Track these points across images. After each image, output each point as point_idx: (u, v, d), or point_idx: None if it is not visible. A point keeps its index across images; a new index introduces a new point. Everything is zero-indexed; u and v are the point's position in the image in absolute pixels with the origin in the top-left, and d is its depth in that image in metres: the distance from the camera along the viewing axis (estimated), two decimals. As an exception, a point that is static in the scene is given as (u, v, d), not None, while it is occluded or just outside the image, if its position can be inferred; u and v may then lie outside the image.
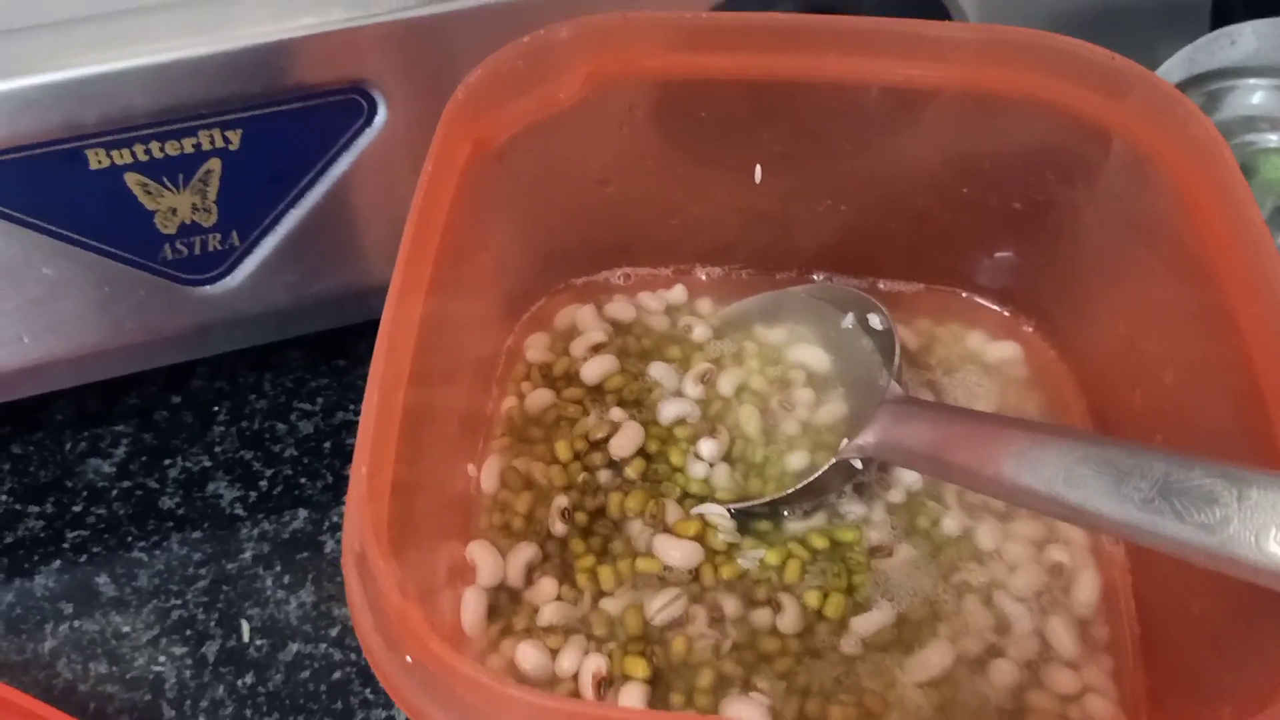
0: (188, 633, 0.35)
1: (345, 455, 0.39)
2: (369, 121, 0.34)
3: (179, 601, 0.35)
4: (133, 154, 0.32)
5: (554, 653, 0.29)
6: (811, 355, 0.35)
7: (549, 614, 0.30)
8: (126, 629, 0.35)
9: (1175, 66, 0.37)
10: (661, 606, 0.30)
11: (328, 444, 0.39)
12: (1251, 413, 0.25)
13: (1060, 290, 0.35)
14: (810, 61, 0.32)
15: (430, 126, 0.29)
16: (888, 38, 0.31)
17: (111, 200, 0.33)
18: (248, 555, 0.36)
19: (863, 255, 0.37)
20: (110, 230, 0.34)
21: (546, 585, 0.31)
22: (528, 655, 0.29)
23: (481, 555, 0.31)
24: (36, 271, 0.33)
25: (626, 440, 0.33)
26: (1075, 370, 0.35)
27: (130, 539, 0.37)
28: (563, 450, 0.33)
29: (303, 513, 0.37)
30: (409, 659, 0.21)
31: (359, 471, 0.23)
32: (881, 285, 0.37)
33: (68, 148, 0.31)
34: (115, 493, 0.38)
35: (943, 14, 0.37)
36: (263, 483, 0.38)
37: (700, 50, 0.32)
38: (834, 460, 0.31)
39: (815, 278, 0.38)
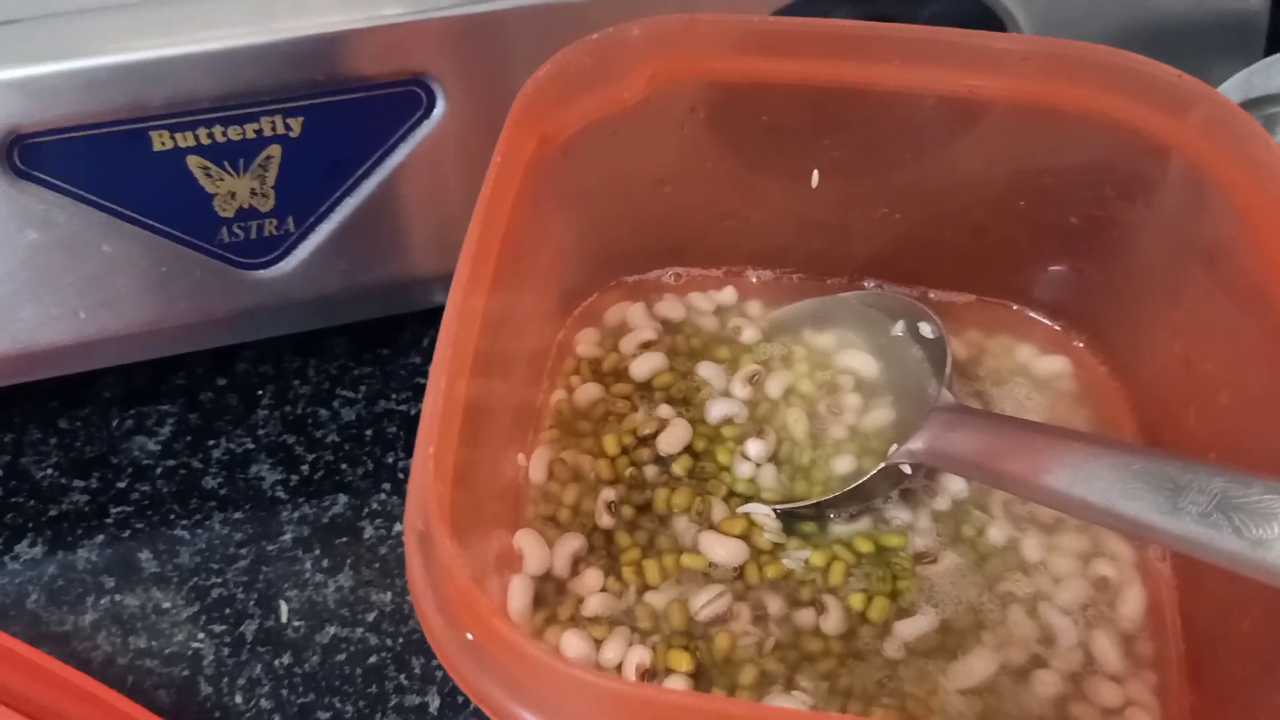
0: (226, 611, 0.35)
1: (386, 443, 0.39)
2: (427, 114, 0.34)
3: (219, 580, 0.36)
4: (195, 137, 0.33)
5: (598, 643, 0.29)
6: (860, 361, 0.35)
7: (594, 605, 0.30)
8: (167, 605, 0.35)
9: (1232, 89, 0.37)
10: (706, 602, 0.30)
11: (369, 431, 0.39)
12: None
13: (1114, 307, 0.35)
14: (873, 69, 0.32)
15: (487, 121, 0.30)
16: (951, 48, 0.31)
17: (172, 182, 0.33)
18: (288, 537, 0.37)
19: (915, 264, 0.37)
20: (170, 211, 0.34)
21: (592, 576, 0.31)
22: (572, 644, 0.29)
23: (528, 544, 0.31)
24: (96, 248, 0.34)
25: (674, 437, 0.33)
26: (1126, 387, 0.35)
27: (173, 517, 0.37)
28: (610, 444, 0.33)
29: (343, 498, 0.38)
30: (470, 637, 0.22)
31: (424, 451, 0.23)
32: (932, 295, 0.37)
33: (132, 128, 0.32)
34: (159, 471, 0.38)
35: (998, 28, 0.37)
36: (304, 467, 0.38)
37: (763, 54, 0.32)
38: (883, 465, 0.31)
39: (866, 285, 0.38)
